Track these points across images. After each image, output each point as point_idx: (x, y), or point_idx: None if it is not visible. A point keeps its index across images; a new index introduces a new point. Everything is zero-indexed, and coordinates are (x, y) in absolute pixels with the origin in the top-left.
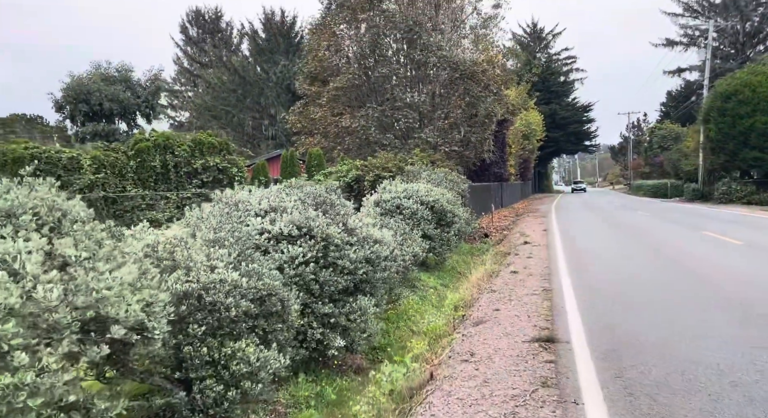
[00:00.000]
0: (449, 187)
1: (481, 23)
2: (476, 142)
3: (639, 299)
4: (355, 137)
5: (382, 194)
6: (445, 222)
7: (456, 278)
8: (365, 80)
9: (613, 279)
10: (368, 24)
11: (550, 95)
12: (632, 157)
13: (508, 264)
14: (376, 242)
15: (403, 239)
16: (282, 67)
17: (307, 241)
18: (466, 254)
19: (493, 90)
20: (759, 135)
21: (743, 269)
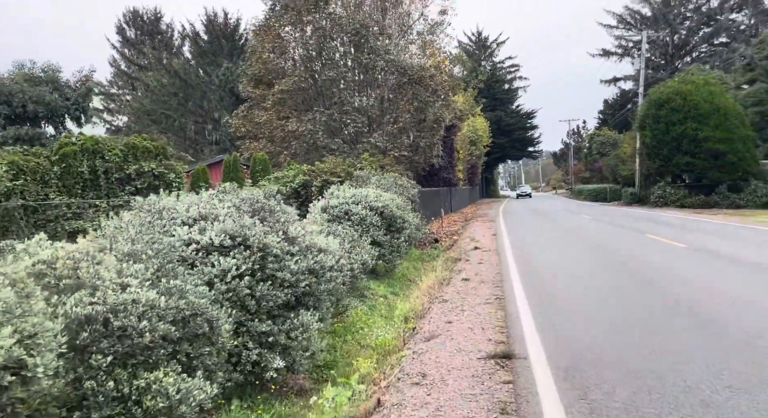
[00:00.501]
0: (399, 192)
1: (428, 29)
2: (425, 147)
3: (594, 307)
4: (303, 142)
5: (329, 200)
6: (395, 228)
7: (406, 285)
8: (312, 83)
9: (565, 285)
10: (314, 26)
11: (496, 102)
12: (573, 162)
13: (459, 271)
14: (321, 251)
15: (351, 247)
16: (225, 70)
17: (241, 252)
18: (416, 260)
19: (441, 95)
20: (690, 141)
21: (691, 273)
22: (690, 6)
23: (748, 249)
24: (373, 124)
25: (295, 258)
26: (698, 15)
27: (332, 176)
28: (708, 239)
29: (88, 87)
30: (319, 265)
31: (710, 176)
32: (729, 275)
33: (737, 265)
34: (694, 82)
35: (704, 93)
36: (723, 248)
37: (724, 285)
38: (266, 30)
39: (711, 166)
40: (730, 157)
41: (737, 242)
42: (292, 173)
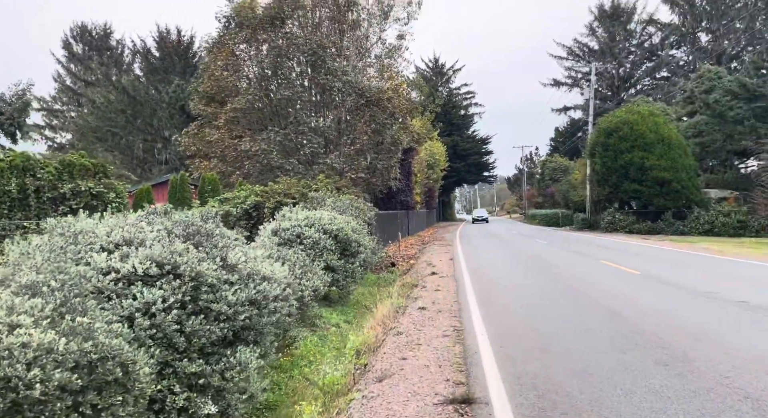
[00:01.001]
0: (355, 214)
1: (386, 53)
2: (383, 170)
3: (555, 340)
4: (256, 162)
5: (281, 222)
6: (349, 252)
7: (361, 313)
8: (267, 102)
9: (525, 315)
10: (270, 45)
11: (452, 127)
12: (526, 187)
13: (416, 298)
14: (265, 279)
15: (302, 273)
16: (176, 87)
17: (170, 281)
18: (372, 285)
19: (399, 118)
20: (637, 169)
21: (649, 301)
22: (633, 41)
23: (702, 277)
24: (329, 145)
25: (235, 287)
26: (641, 50)
27: (286, 198)
28: (659, 266)
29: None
30: (262, 295)
31: (656, 203)
32: (686, 305)
33: (695, 295)
34: (639, 113)
35: (649, 123)
36: (677, 277)
37: (684, 318)
38: (219, 47)
39: (657, 194)
40: (675, 185)
41: (690, 269)
42: (244, 194)
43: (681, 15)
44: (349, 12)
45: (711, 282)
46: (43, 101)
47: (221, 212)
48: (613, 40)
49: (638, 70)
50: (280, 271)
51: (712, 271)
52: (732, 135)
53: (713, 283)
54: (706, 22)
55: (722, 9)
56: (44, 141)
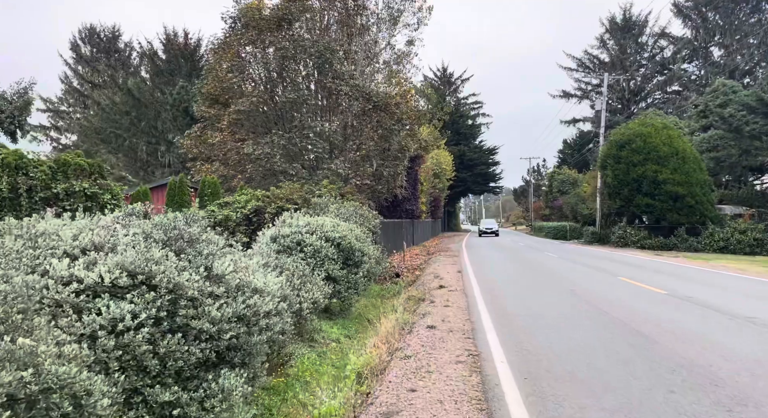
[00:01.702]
0: (359, 222)
1: (395, 59)
2: (389, 177)
3: (587, 371)
4: (258, 165)
5: (280, 228)
6: (352, 262)
7: (363, 327)
8: (272, 105)
9: (546, 339)
10: (276, 47)
11: (459, 137)
12: (533, 199)
13: (424, 315)
14: (257, 291)
15: (301, 283)
16: (180, 89)
17: (143, 294)
18: (375, 296)
19: (406, 124)
20: (650, 182)
21: (686, 325)
22: (645, 54)
23: (735, 299)
24: (334, 151)
25: (220, 302)
26: (652, 63)
27: (288, 203)
28: (684, 285)
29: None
30: (253, 310)
31: (669, 218)
32: (729, 331)
33: (735, 319)
34: (653, 125)
35: (663, 136)
36: (707, 297)
37: (732, 348)
38: (225, 48)
39: (670, 209)
40: (689, 200)
41: (718, 289)
42: (244, 198)
43: (693, 29)
44: (358, 16)
45: (747, 305)
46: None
47: (220, 217)
48: (624, 52)
49: (649, 84)
50: (274, 282)
51: (743, 291)
52: (749, 150)
53: (749, 305)
54: (719, 36)
55: (736, 24)
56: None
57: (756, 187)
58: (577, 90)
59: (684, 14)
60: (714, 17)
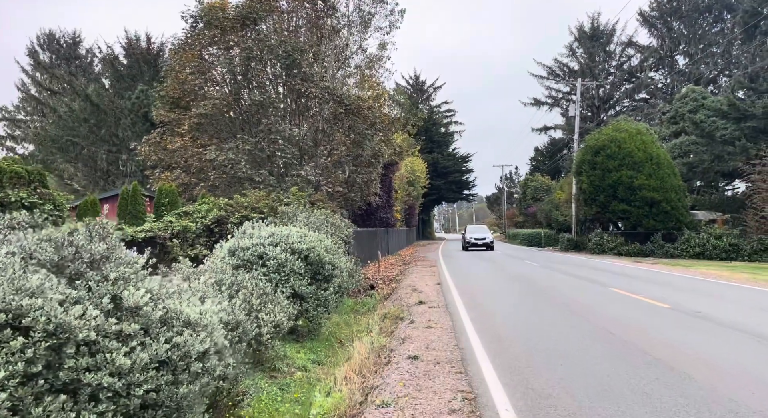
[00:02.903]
0: (331, 231)
1: (367, 63)
2: (362, 184)
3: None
4: (222, 172)
5: (240, 240)
6: (322, 276)
7: (334, 350)
8: (237, 108)
9: (557, 374)
10: (240, 47)
11: (433, 145)
12: (506, 207)
13: (403, 339)
14: (189, 325)
15: (261, 304)
16: (139, 92)
17: (6, 341)
18: (348, 312)
19: (380, 128)
20: (626, 188)
21: (716, 352)
22: (613, 63)
23: (751, 314)
24: (305, 156)
25: (132, 343)
26: (620, 72)
27: (253, 212)
28: (684, 296)
29: None
30: (181, 351)
31: (645, 224)
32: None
33: (761, 340)
34: (627, 131)
35: (637, 141)
36: (718, 312)
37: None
38: (185, 49)
39: (646, 215)
40: (664, 205)
41: (722, 301)
42: (205, 207)
43: (659, 38)
44: (328, 18)
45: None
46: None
47: (178, 228)
48: (593, 61)
49: (618, 92)
50: (214, 311)
51: (751, 304)
52: (721, 156)
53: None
54: (684, 45)
55: (699, 33)
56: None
57: (727, 192)
58: (547, 98)
59: (650, 23)
60: (679, 27)
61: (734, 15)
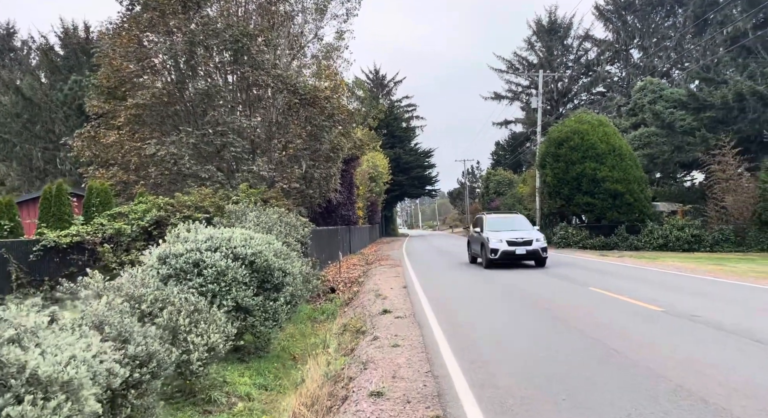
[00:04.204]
0: (285, 232)
1: (324, 54)
2: (320, 179)
3: None
4: (164, 169)
5: (172, 246)
6: (271, 285)
7: (286, 370)
8: (181, 99)
9: (562, 415)
10: (183, 31)
11: (394, 140)
12: (469, 201)
13: (365, 364)
14: (38, 383)
15: (191, 323)
16: (72, 83)
17: None
18: (305, 320)
19: (339, 120)
20: (589, 180)
21: (728, 368)
22: (571, 56)
23: (752, 316)
24: (257, 150)
25: None
26: (578, 65)
27: (197, 212)
28: (670, 295)
29: None
30: None
31: (609, 217)
32: None
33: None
34: (589, 122)
35: (600, 133)
36: (716, 314)
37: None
38: (121, 33)
39: (610, 207)
40: (628, 197)
41: (713, 301)
42: (143, 208)
43: (615, 32)
44: (281, 4)
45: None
46: None
47: (110, 231)
48: (552, 54)
49: (576, 85)
50: (83, 359)
51: (743, 303)
52: (681, 146)
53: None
54: (639, 39)
55: (653, 27)
56: None
57: (686, 183)
58: (508, 92)
59: (605, 17)
60: (633, 20)
61: (685, 9)
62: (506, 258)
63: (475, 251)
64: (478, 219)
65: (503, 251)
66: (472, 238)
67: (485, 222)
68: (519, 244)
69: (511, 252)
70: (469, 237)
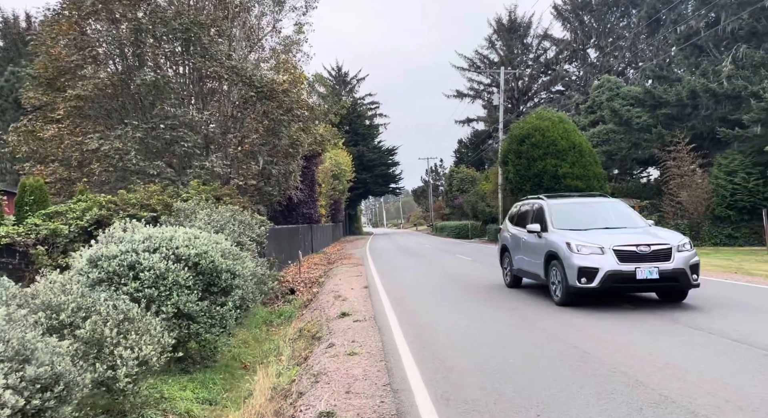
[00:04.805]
0: (239, 231)
1: (283, 48)
2: (279, 176)
3: None
4: (108, 165)
5: (105, 246)
6: (218, 288)
7: (235, 382)
8: (127, 90)
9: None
10: (128, 17)
11: (358, 138)
12: (433, 199)
13: (316, 377)
14: None
15: (119, 335)
16: (9, 75)
17: None
18: (259, 324)
19: (298, 114)
20: (551, 177)
21: (712, 373)
22: (530, 55)
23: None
24: (211, 146)
25: None
26: (537, 64)
27: (143, 210)
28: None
29: None
30: None
31: None
32: None
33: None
34: (550, 119)
35: (560, 130)
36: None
37: None
38: (60, 20)
39: None
40: None
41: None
42: (83, 206)
43: (572, 31)
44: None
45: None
46: None
47: (45, 232)
48: (512, 53)
49: (536, 84)
50: None
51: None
52: (638, 143)
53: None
54: (595, 39)
55: (608, 27)
56: None
57: (642, 179)
58: (470, 90)
59: (563, 17)
60: (590, 20)
61: (639, 10)
62: (617, 284)
63: (520, 265)
64: (531, 209)
65: (610, 273)
66: (512, 242)
67: (550, 213)
68: (644, 257)
69: (629, 275)
70: (505, 240)
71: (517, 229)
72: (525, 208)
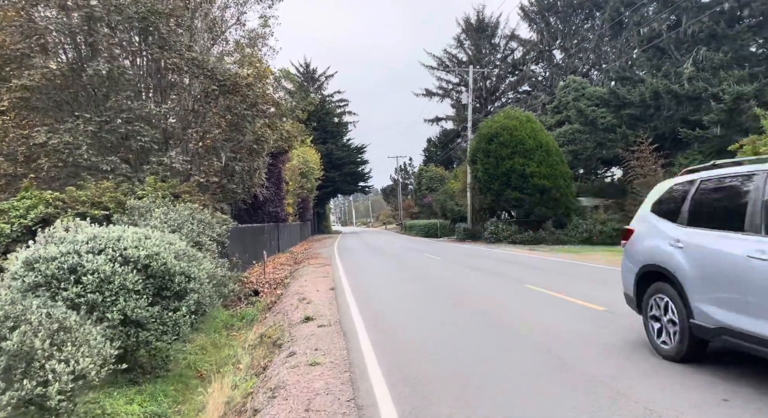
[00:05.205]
0: (198, 230)
1: (248, 42)
2: (243, 173)
3: None
4: (58, 160)
5: (44, 247)
6: (170, 292)
7: (190, 392)
8: (78, 81)
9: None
10: (79, 4)
11: (326, 135)
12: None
13: (273, 391)
14: None
15: (52, 346)
16: None
17: None
18: (219, 328)
19: (263, 109)
20: (519, 176)
21: None
22: (498, 55)
23: None
24: (170, 141)
25: None
26: (505, 64)
27: (94, 208)
28: (608, 293)
29: None
30: None
31: (537, 212)
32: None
33: None
34: (518, 118)
35: (528, 129)
36: None
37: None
38: (4, 6)
39: (538, 202)
40: (554, 193)
41: None
42: (27, 204)
43: (539, 32)
44: None
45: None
46: None
47: None
48: (480, 52)
49: (503, 84)
50: None
51: None
52: (603, 143)
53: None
54: (561, 40)
55: (573, 29)
56: None
57: (607, 179)
58: (438, 89)
59: (530, 18)
60: (555, 22)
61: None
62: None
63: (729, 320)
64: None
65: None
66: (688, 263)
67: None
68: None
69: None
70: (652, 255)
71: (704, 235)
72: (721, 185)
